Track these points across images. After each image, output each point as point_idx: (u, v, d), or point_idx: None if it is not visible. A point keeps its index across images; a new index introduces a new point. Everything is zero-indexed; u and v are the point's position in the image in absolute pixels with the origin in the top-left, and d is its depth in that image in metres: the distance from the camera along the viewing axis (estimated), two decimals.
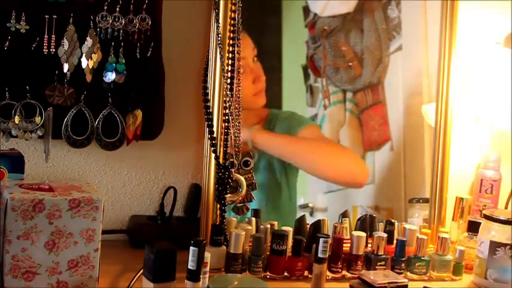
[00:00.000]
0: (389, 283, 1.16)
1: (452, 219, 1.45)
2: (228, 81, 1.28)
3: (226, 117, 1.27)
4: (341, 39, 1.42)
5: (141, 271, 1.06)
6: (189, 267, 1.03)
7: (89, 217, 1.03)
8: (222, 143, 1.28)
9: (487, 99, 1.51)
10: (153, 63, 1.29)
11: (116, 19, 1.24)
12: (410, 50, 1.46)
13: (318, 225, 1.27)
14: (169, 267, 1.03)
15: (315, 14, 1.40)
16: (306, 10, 1.40)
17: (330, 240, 1.18)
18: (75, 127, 1.25)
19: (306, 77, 1.41)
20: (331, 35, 1.41)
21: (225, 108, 1.27)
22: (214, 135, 1.26)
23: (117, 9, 1.24)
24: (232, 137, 1.28)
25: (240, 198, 1.28)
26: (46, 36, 1.21)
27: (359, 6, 1.42)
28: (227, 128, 1.28)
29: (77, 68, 1.23)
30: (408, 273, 1.29)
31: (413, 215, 1.46)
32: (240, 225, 1.26)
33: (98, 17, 1.23)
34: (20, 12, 1.19)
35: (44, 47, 1.21)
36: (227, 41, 1.28)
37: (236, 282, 1.09)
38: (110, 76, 1.25)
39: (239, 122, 1.29)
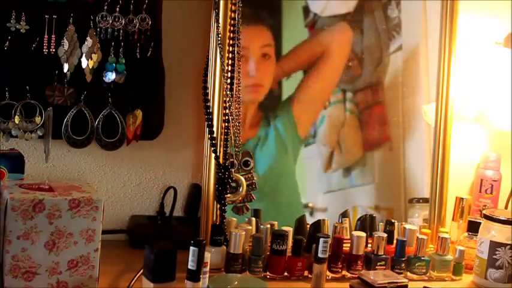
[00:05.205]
0: (389, 283, 1.16)
1: (452, 219, 1.45)
2: (228, 81, 1.28)
3: (226, 117, 1.27)
4: None
5: (141, 271, 1.06)
6: (189, 267, 1.03)
7: (88, 217, 1.03)
8: (222, 143, 1.28)
9: (487, 100, 1.51)
10: (153, 63, 1.29)
11: (116, 19, 1.24)
12: (410, 50, 1.46)
13: (318, 225, 1.28)
14: (169, 267, 1.03)
15: (315, 14, 1.40)
16: (306, 10, 1.40)
17: (330, 240, 1.18)
18: (75, 127, 1.25)
19: None
20: None
21: (225, 108, 1.27)
22: (214, 135, 1.26)
23: (117, 9, 1.24)
24: (232, 137, 1.28)
25: (240, 198, 1.28)
26: (46, 36, 1.21)
27: (359, 6, 1.42)
28: (227, 128, 1.28)
29: (77, 68, 1.23)
30: (408, 273, 1.29)
31: (413, 215, 1.46)
32: (240, 225, 1.26)
33: (98, 17, 1.23)
34: (20, 12, 1.19)
35: (44, 47, 1.21)
36: (227, 41, 1.28)
37: (236, 282, 1.09)
38: (110, 76, 1.25)
39: (239, 122, 1.29)
